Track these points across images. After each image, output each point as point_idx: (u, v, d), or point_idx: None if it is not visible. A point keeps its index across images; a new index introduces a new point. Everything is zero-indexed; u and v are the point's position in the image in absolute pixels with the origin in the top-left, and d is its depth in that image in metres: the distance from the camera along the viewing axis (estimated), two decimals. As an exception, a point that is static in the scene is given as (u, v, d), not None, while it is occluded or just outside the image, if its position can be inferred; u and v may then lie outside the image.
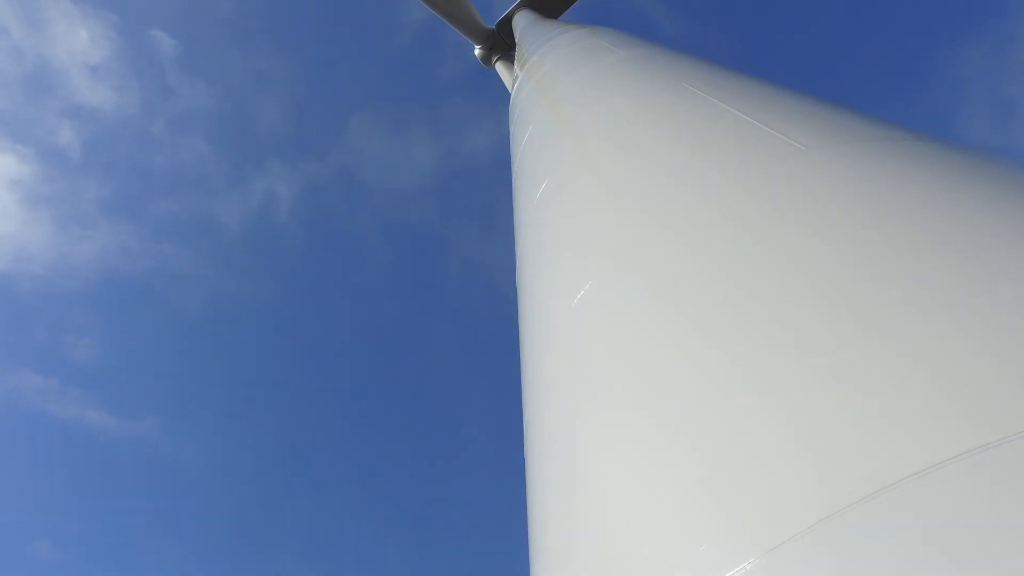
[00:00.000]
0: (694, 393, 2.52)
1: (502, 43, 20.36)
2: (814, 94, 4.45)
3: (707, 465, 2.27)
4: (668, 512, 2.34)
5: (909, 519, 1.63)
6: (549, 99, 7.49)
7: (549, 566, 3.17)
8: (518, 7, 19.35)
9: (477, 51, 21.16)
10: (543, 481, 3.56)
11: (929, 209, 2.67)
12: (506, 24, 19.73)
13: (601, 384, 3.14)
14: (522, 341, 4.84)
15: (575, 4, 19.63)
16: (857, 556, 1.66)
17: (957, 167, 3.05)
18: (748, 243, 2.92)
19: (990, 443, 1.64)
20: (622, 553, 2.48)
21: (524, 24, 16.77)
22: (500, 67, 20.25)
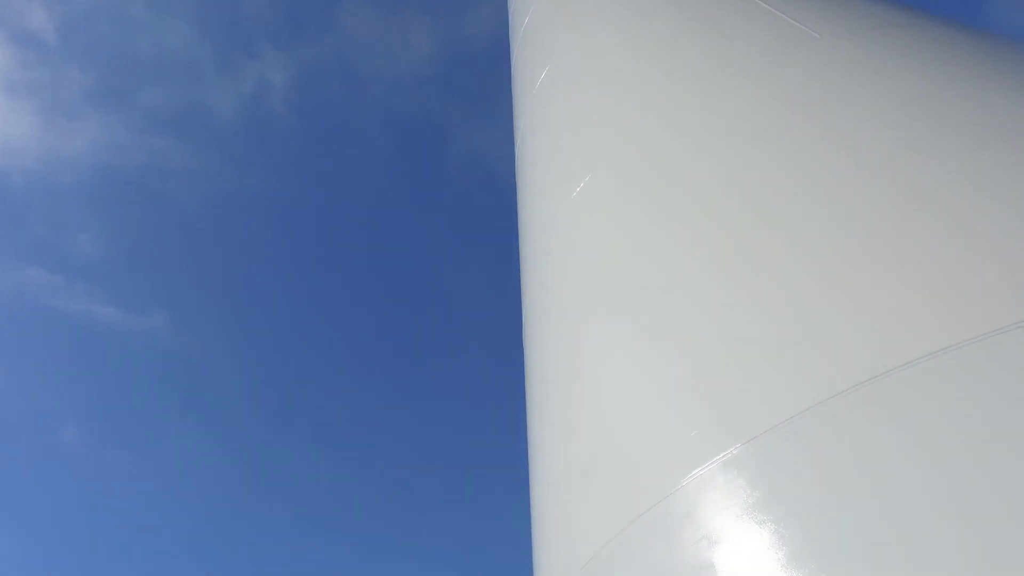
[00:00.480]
0: (689, 286, 2.55)
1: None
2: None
3: (698, 356, 2.32)
4: (660, 400, 2.43)
5: (887, 412, 1.69)
6: (551, -20, 7.08)
7: (547, 452, 3.31)
8: None
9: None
10: (541, 372, 3.66)
11: (948, 100, 2.59)
12: None
13: (598, 277, 3.17)
14: (521, 233, 4.83)
15: None
16: (837, 445, 1.73)
17: (981, 56, 2.92)
18: (755, 136, 2.85)
19: (969, 340, 1.67)
20: (617, 438, 2.59)
21: None
22: (500, -56, 19.04)
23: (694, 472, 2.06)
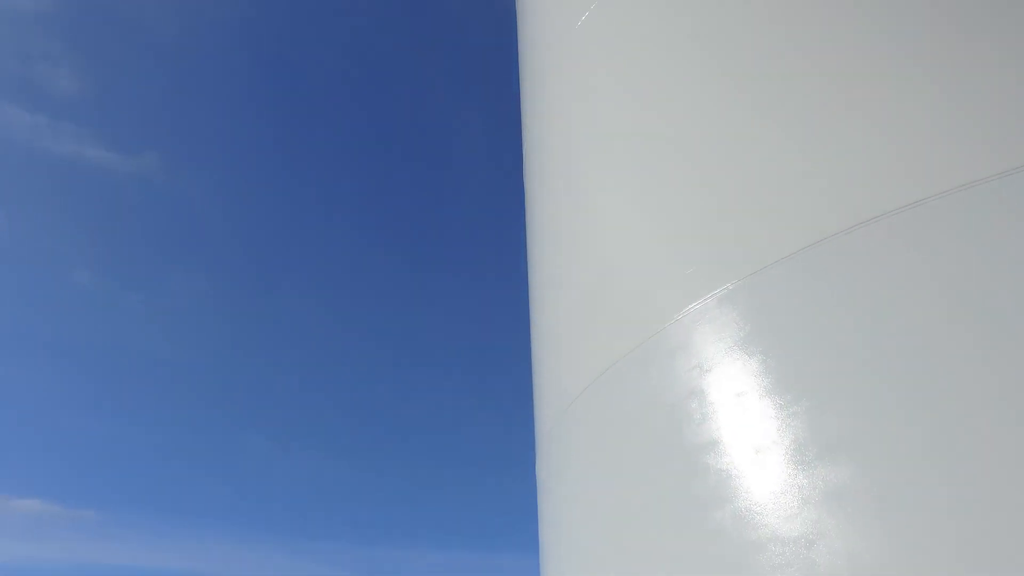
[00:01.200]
0: (691, 123, 2.50)
1: None
2: None
3: (698, 194, 2.34)
4: (659, 236, 2.48)
5: (881, 253, 1.73)
6: None
7: (548, 285, 3.43)
8: None
9: None
10: (542, 207, 3.69)
11: None
12: None
13: (600, 111, 3.09)
14: (522, 62, 4.63)
15: None
16: (830, 284, 1.80)
17: None
18: None
19: (969, 183, 1.68)
20: (616, 272, 2.68)
21: None
22: None
23: (690, 306, 2.16)
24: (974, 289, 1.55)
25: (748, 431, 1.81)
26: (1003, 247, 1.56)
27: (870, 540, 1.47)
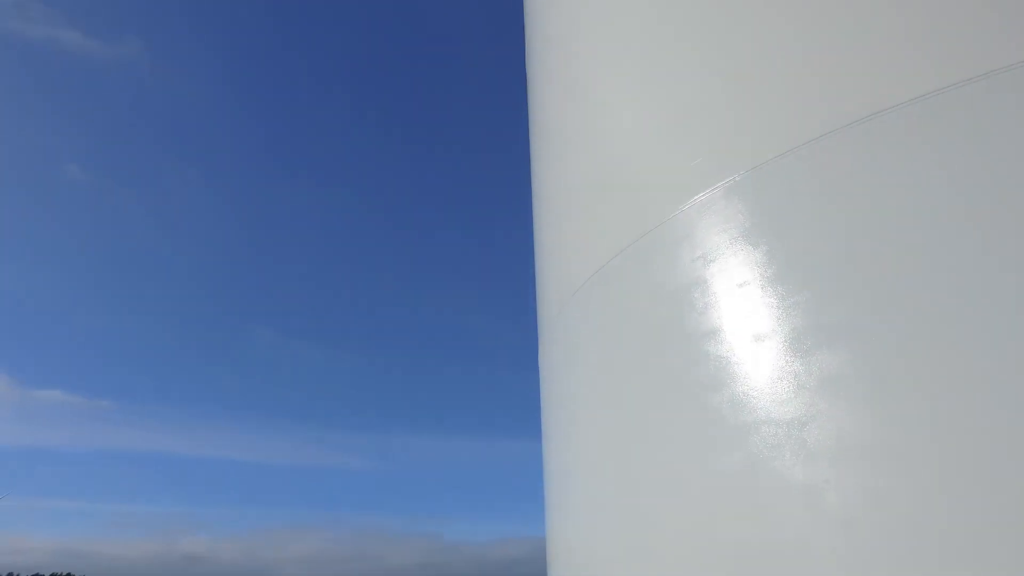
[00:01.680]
0: (699, 9, 2.40)
1: None
2: None
3: (707, 84, 2.28)
4: (666, 127, 2.44)
5: (887, 146, 1.71)
6: None
7: (552, 173, 3.40)
8: None
9: None
10: (548, 93, 3.60)
11: None
12: None
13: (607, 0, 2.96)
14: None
15: None
16: (836, 176, 1.79)
17: None
18: None
19: (971, 78, 1.63)
20: (622, 162, 2.65)
21: None
22: None
23: (696, 197, 2.15)
24: (978, 184, 1.55)
25: (749, 320, 1.86)
26: (1006, 141, 1.54)
27: (860, 422, 1.55)
